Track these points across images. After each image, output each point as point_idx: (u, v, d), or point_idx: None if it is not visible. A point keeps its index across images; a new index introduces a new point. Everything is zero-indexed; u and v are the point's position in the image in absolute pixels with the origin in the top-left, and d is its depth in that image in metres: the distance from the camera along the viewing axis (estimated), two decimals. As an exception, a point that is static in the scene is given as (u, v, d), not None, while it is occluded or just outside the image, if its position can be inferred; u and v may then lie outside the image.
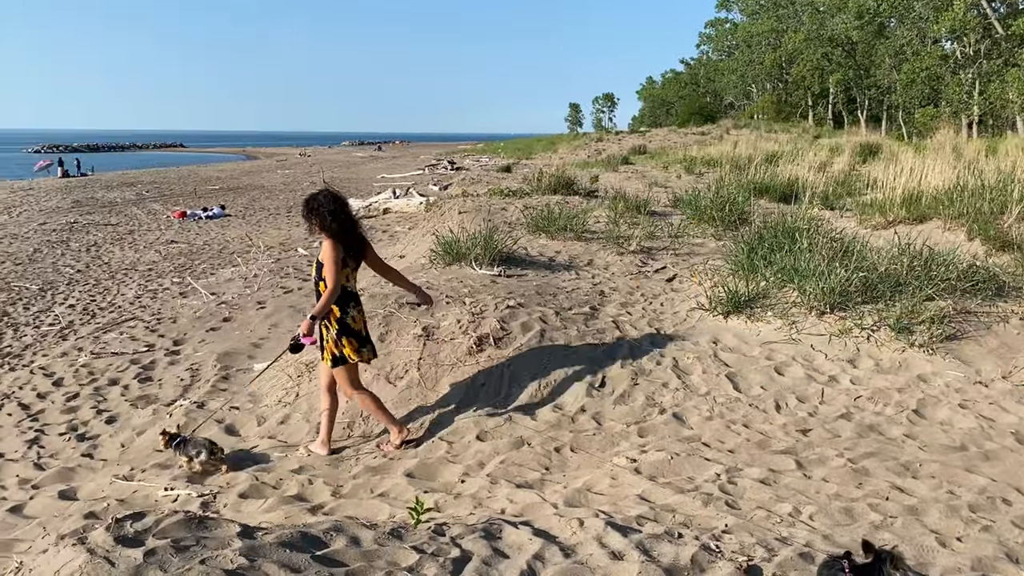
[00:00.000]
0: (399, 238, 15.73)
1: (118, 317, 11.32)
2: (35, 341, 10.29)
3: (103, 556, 2.94)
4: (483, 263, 9.06)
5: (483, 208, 13.64)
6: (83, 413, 7.39)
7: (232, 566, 2.96)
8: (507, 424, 5.83)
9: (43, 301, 12.86)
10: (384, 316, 7.24)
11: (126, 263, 16.17)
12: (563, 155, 42.86)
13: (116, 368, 8.69)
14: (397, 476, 5.14)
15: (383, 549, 3.39)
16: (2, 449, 6.62)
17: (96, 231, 21.35)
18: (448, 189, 24.02)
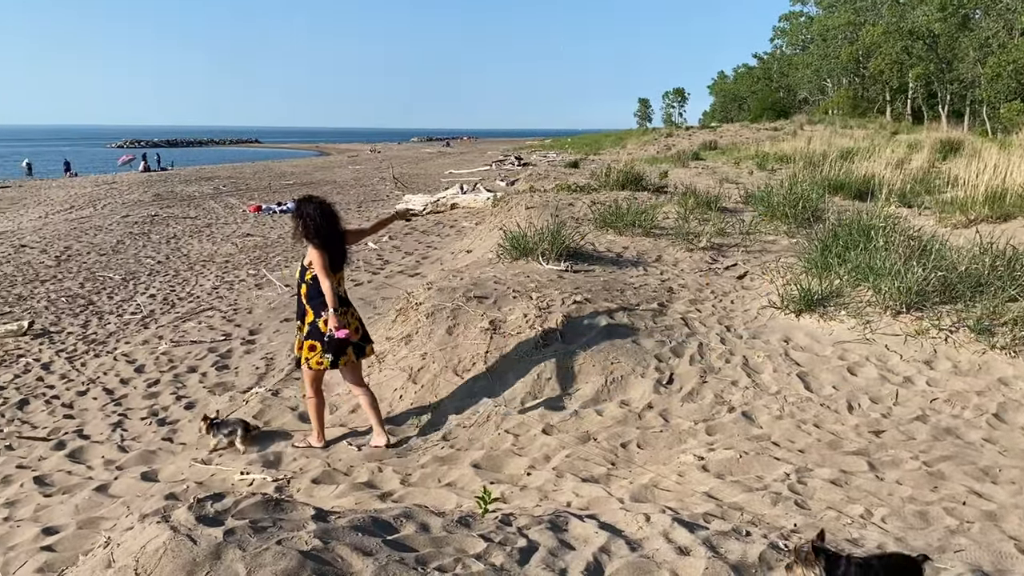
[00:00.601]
0: (466, 233, 15.86)
1: (196, 307, 11.71)
2: (118, 329, 10.72)
3: (185, 534, 3.07)
4: (550, 258, 9.08)
5: (550, 203, 13.65)
6: (163, 399, 7.68)
7: (307, 547, 3.05)
8: (573, 419, 5.85)
9: (126, 291, 13.39)
10: (452, 309, 7.33)
11: (204, 255, 16.69)
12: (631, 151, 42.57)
13: (195, 356, 9.00)
14: (464, 467, 5.21)
15: (451, 536, 3.46)
16: (88, 431, 6.94)
17: (175, 224, 22.10)
18: (515, 185, 24.10)
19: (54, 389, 8.29)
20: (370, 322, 9.41)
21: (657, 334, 7.06)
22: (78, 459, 6.25)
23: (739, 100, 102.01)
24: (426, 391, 6.51)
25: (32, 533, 4.88)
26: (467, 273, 8.76)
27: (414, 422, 6.13)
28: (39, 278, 14.89)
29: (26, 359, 9.43)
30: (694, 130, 63.01)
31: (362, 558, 3.06)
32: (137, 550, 3.03)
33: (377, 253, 14.73)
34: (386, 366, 6.99)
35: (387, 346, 7.31)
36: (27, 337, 10.39)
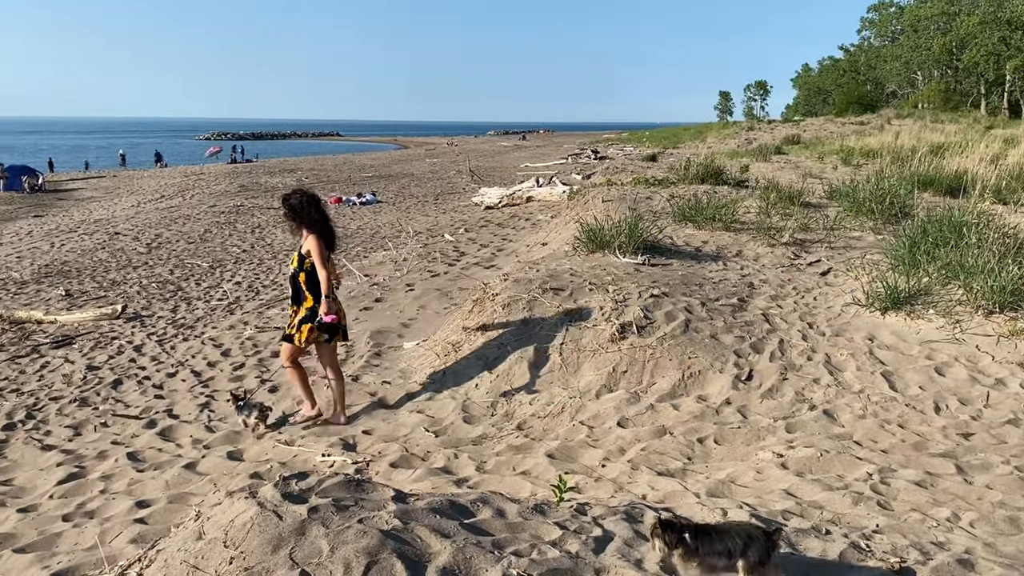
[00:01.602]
0: (541, 226, 15.88)
1: (279, 294, 12.04)
2: (206, 314, 11.11)
3: (272, 510, 3.17)
4: (627, 251, 9.03)
5: (627, 197, 13.56)
6: (248, 382, 7.93)
7: (387, 527, 3.13)
8: (649, 412, 5.82)
9: (212, 278, 13.86)
10: (528, 301, 7.36)
11: (287, 244, 17.14)
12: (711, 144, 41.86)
13: (278, 342, 9.25)
14: (538, 456, 5.24)
15: (527, 523, 3.49)
16: (177, 411, 7.23)
17: (260, 214, 22.75)
18: (591, 178, 23.99)
19: (145, 370, 8.65)
20: (446, 312, 9.55)
21: (737, 329, 6.95)
22: (168, 437, 6.52)
23: (824, 93, 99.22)
24: (501, 381, 6.56)
25: (126, 506, 5.12)
26: (543, 265, 8.78)
27: (490, 411, 6.18)
28: (132, 264, 15.55)
29: (119, 341, 9.86)
30: (776, 124, 61.58)
31: (440, 539, 3.11)
32: (226, 523, 3.15)
33: (453, 245, 14.88)
34: (462, 355, 7.06)
35: (463, 336, 7.39)
36: (120, 320, 10.87)
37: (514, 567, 2.98)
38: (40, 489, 5.64)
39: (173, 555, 3.07)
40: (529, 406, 6.13)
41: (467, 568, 2.97)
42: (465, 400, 6.38)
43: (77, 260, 16.34)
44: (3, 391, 8.16)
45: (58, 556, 4.50)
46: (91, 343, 9.87)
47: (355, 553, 2.91)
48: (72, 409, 7.52)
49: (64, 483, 5.65)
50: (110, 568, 3.68)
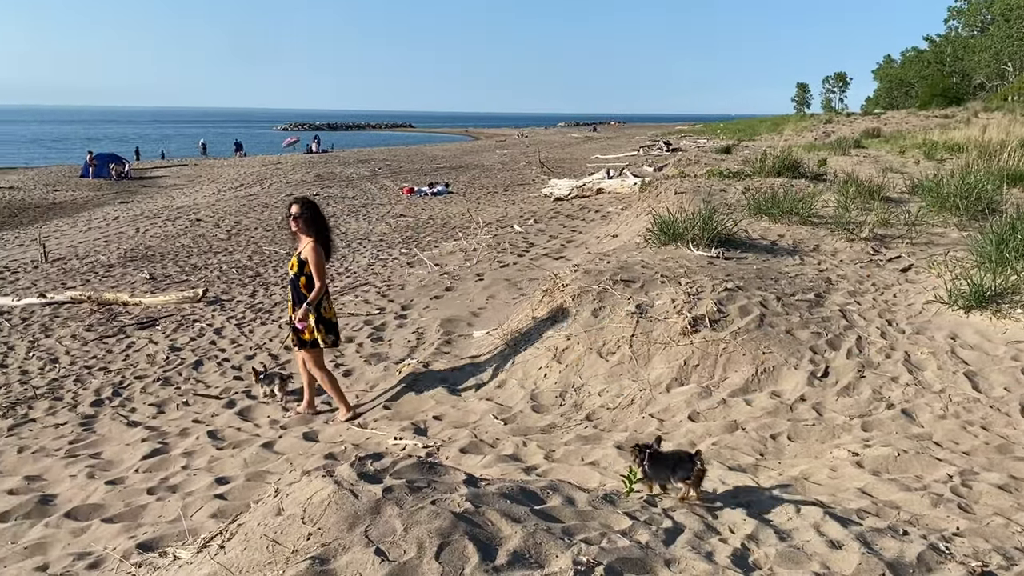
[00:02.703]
0: (612, 218, 15.79)
1: (353, 282, 12.27)
2: (282, 300, 11.39)
3: (348, 488, 3.25)
4: (700, 244, 8.91)
5: (701, 189, 13.37)
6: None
7: (459, 509, 3.17)
8: (721, 407, 5.75)
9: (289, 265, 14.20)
10: (598, 292, 7.34)
11: (360, 233, 17.44)
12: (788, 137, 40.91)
13: (352, 327, 9.44)
14: (607, 447, 5.23)
15: (597, 512, 3.49)
16: (255, 392, 7.45)
17: (335, 203, 23.17)
18: (663, 170, 23.73)
19: (225, 352, 8.94)
20: (515, 302, 9.59)
21: (813, 325, 6.80)
22: (246, 417, 6.73)
23: (906, 86, 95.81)
24: (570, 371, 6.57)
25: (206, 482, 5.31)
26: (614, 257, 8.74)
27: (558, 401, 6.20)
28: (212, 250, 16.04)
29: (200, 324, 10.21)
30: (855, 117, 59.78)
31: (511, 524, 3.15)
32: (304, 500, 3.24)
33: (523, 236, 14.91)
34: (531, 344, 7.09)
35: (533, 325, 7.41)
36: (202, 304, 11.24)
37: (584, 554, 2.99)
38: (126, 463, 5.90)
39: (253, 529, 3.18)
40: (598, 397, 6.13)
41: (537, 553, 3.00)
42: (534, 389, 6.41)
43: (160, 245, 16.95)
44: (91, 369, 8.54)
45: (143, 527, 4.71)
46: (174, 325, 10.24)
47: (428, 534, 2.96)
48: (156, 388, 7.82)
49: (148, 458, 5.90)
50: (193, 540, 3.82)
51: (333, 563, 2.85)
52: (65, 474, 5.78)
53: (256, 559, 2.98)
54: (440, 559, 2.85)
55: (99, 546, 4.49)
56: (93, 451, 6.24)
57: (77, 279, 13.62)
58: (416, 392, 6.85)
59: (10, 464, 6.16)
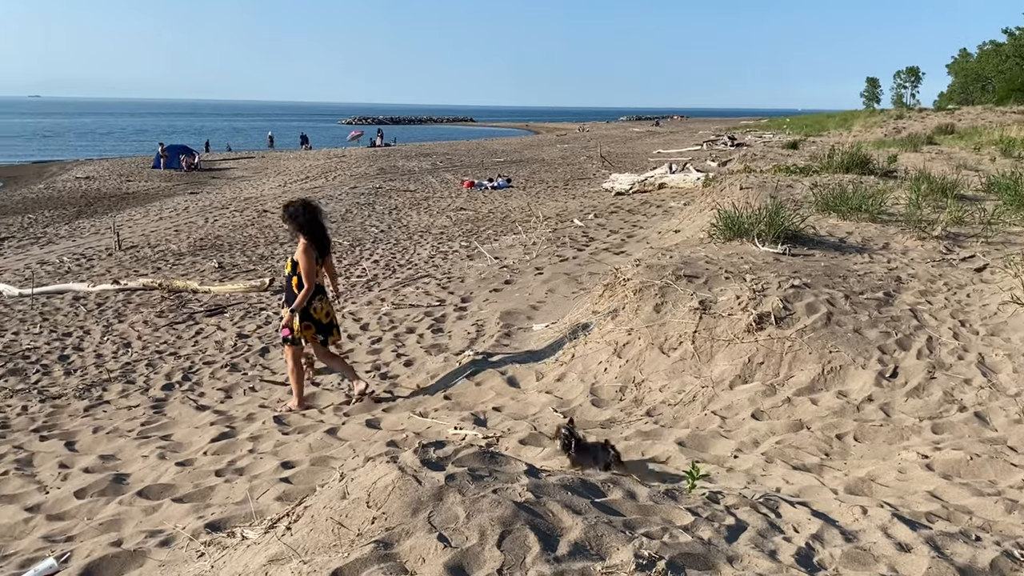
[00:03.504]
0: (674, 213, 15.62)
1: (414, 274, 12.41)
2: (346, 290, 11.58)
3: (412, 474, 3.29)
4: (766, 240, 8.76)
5: (767, 185, 13.14)
6: (385, 355, 8.23)
7: (521, 499, 3.18)
8: (785, 406, 5.65)
9: (352, 256, 14.42)
10: (660, 287, 7.27)
11: (421, 226, 17.62)
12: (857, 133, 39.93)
13: (412, 318, 9.55)
14: (668, 443, 5.19)
15: (658, 506, 3.47)
16: (319, 380, 7.59)
17: (397, 196, 23.45)
18: (728, 165, 23.38)
19: (290, 340, 9.11)
20: (575, 296, 9.57)
21: (882, 325, 6.63)
22: (310, 403, 6.86)
23: (982, 80, 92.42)
24: (630, 366, 6.52)
25: (272, 465, 5.43)
26: (677, 252, 8.65)
27: (618, 395, 6.17)
28: (278, 240, 16.38)
29: (267, 312, 10.44)
30: (928, 112, 57.98)
31: (572, 515, 3.14)
32: (369, 485, 3.29)
33: (583, 231, 14.87)
34: (591, 339, 7.07)
35: (593, 319, 7.39)
36: (268, 292, 11.49)
37: (645, 548, 2.97)
38: (195, 445, 6.07)
39: (319, 511, 3.24)
40: (659, 393, 6.07)
41: (598, 545, 2.99)
42: (594, 383, 6.39)
43: (229, 235, 17.38)
44: (162, 354, 8.80)
45: (211, 507, 4.84)
46: (241, 313, 10.49)
47: (490, 522, 2.98)
48: (223, 373, 8.03)
49: (216, 441, 6.06)
50: (259, 521, 3.92)
51: (397, 547, 2.89)
52: (137, 454, 5.98)
53: (322, 541, 3.04)
54: (502, 547, 2.87)
55: (169, 524, 4.63)
56: (164, 433, 6.44)
57: (149, 267, 14.06)
58: (476, 383, 6.89)
59: (86, 443, 6.40)
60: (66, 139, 72.32)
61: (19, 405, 7.43)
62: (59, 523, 4.96)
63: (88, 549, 4.39)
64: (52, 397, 7.58)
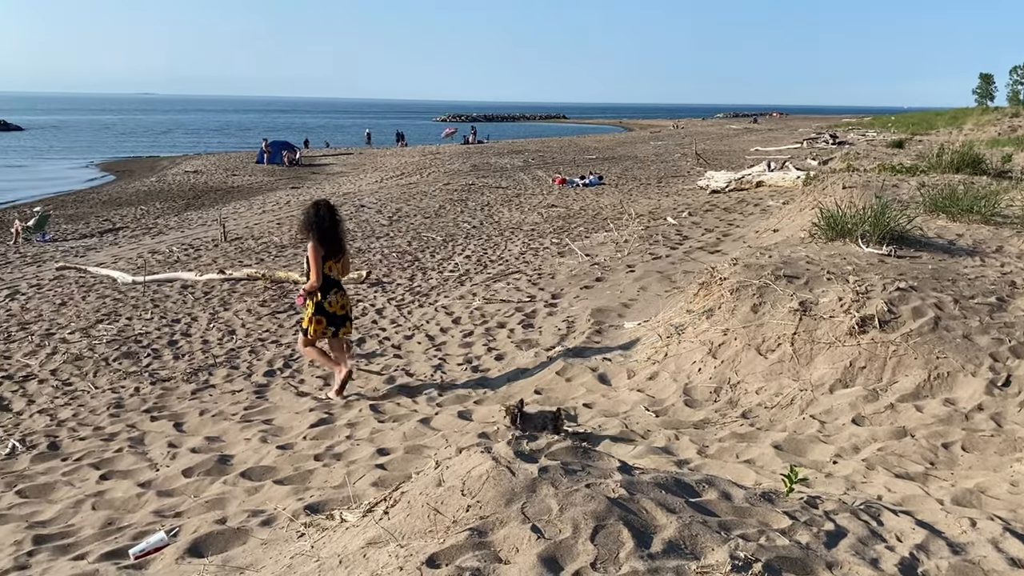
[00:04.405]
0: (772, 212, 15.24)
1: (505, 269, 12.49)
2: (439, 284, 11.76)
3: (506, 465, 3.33)
4: (870, 241, 8.46)
5: (871, 184, 12.69)
6: (476, 349, 8.33)
7: (614, 495, 3.18)
8: (888, 412, 5.45)
9: (445, 251, 14.63)
10: (758, 287, 7.12)
11: (513, 223, 17.71)
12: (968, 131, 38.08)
13: (503, 313, 9.63)
14: (764, 446, 5.09)
15: (754, 509, 3.41)
16: (413, 371, 7.75)
17: (489, 193, 23.63)
18: (829, 163, 22.66)
19: (385, 332, 9.34)
20: (668, 295, 9.46)
21: (994, 331, 6.31)
22: (405, 393, 7.01)
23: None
24: (726, 367, 6.41)
25: (368, 452, 5.57)
26: (776, 251, 8.45)
27: (712, 396, 6.08)
28: (375, 235, 16.76)
29: (363, 304, 10.69)
30: (1049, 109, 54.71)
31: (666, 514, 3.12)
32: (463, 474, 3.34)
33: (676, 229, 14.68)
34: (685, 338, 6.98)
35: (687, 319, 7.29)
36: (364, 285, 11.77)
37: (742, 549, 2.93)
38: (295, 430, 6.28)
39: (416, 497, 3.32)
40: (755, 395, 5.95)
41: (692, 544, 2.96)
42: (687, 383, 6.31)
43: (327, 229, 17.84)
44: (265, 342, 9.14)
45: (311, 490, 5.00)
46: (338, 304, 10.77)
47: (583, 516, 2.99)
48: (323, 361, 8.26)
49: (315, 427, 6.26)
50: (357, 505, 4.03)
51: (491, 535, 2.93)
52: (240, 437, 6.24)
53: (418, 526, 3.11)
54: (595, 541, 2.87)
55: (271, 505, 4.81)
56: (265, 417, 6.69)
57: (252, 258, 14.61)
58: (566, 379, 6.90)
59: (193, 425, 6.71)
60: (175, 135, 75.79)
61: (132, 387, 7.84)
62: (168, 499, 5.22)
63: (195, 525, 4.60)
64: (162, 380, 7.97)
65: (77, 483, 5.64)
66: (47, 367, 8.58)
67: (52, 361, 8.78)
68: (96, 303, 11.49)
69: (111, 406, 7.31)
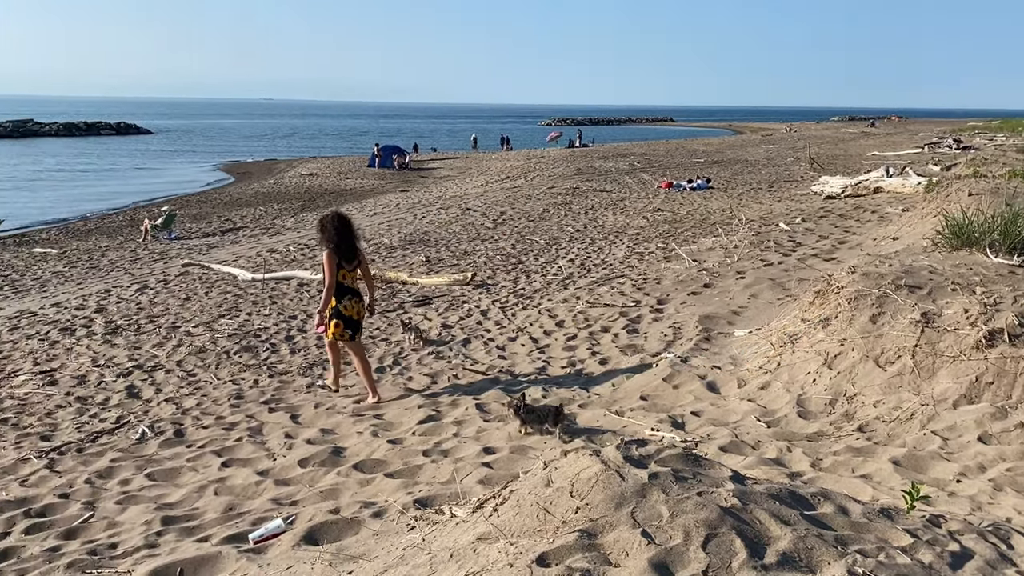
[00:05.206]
0: (891, 219, 14.62)
1: (609, 273, 12.44)
2: (542, 287, 11.82)
3: (615, 469, 3.33)
4: (1000, 251, 8.00)
5: (1001, 191, 11.98)
6: (580, 352, 8.33)
7: (726, 504, 3.13)
8: (1018, 431, 5.14)
9: (548, 254, 14.68)
10: (878, 297, 6.85)
11: (617, 227, 17.62)
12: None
13: (607, 318, 9.59)
14: (882, 461, 4.90)
15: (872, 524, 3.29)
16: (518, 371, 7.81)
17: (593, 196, 23.58)
18: (953, 169, 21.55)
19: (490, 332, 9.45)
20: (780, 303, 9.21)
21: None
22: (510, 394, 7.07)
23: None
24: (842, 378, 6.20)
25: (474, 450, 5.66)
26: (896, 260, 8.11)
27: (827, 408, 5.89)
28: (480, 237, 16.98)
29: (468, 305, 10.86)
30: None
31: (780, 525, 3.05)
32: (572, 476, 3.36)
33: (789, 235, 14.27)
34: (800, 348, 6.78)
35: (802, 327, 7.09)
36: (470, 287, 11.94)
37: (860, 565, 2.83)
38: (404, 426, 6.44)
39: (524, 496, 3.35)
40: (873, 408, 5.73)
41: (808, 557, 2.89)
42: (801, 394, 6.13)
43: (435, 231, 18.22)
44: (375, 339, 9.40)
45: (419, 485, 5.13)
46: (445, 304, 10.99)
47: (695, 523, 2.95)
48: (429, 360, 8.46)
49: (423, 423, 6.40)
50: (465, 501, 4.11)
51: (600, 538, 2.93)
52: (353, 430, 6.44)
53: (527, 525, 3.15)
54: (707, 549, 2.84)
55: (382, 497, 4.95)
56: (376, 412, 6.89)
57: (363, 258, 15.04)
58: (673, 386, 6.82)
59: (308, 417, 6.97)
60: (292, 139, 78.81)
61: (251, 379, 8.21)
62: (285, 488, 5.45)
63: (310, 513, 4.78)
64: (279, 373, 8.31)
65: (201, 469, 5.95)
66: (173, 358, 9.09)
67: (178, 352, 9.29)
68: (218, 298, 12.09)
69: (232, 397, 7.68)
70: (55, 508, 5.44)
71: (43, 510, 5.42)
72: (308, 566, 3.86)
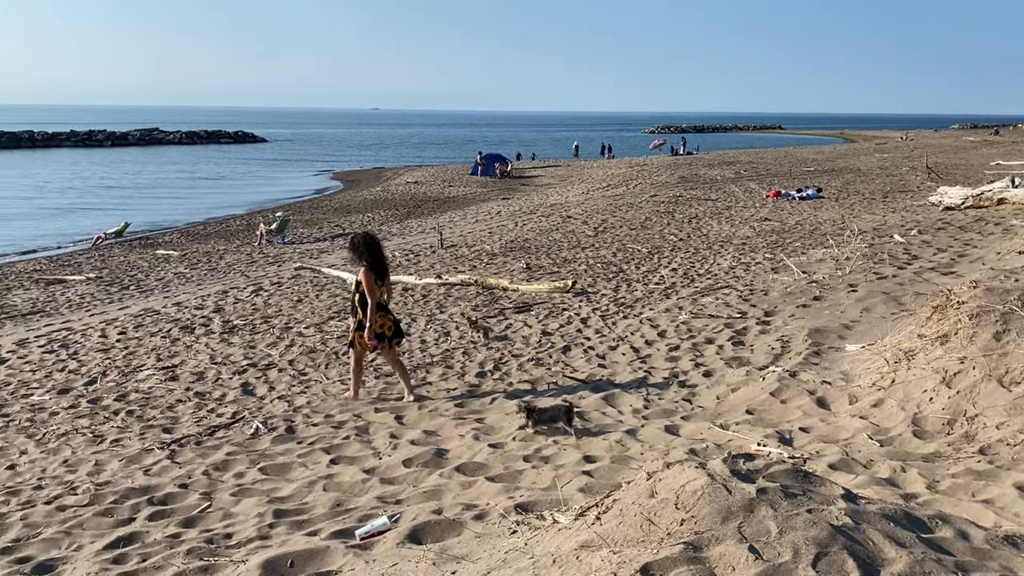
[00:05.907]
0: (1017, 232, 13.84)
1: (713, 284, 12.22)
2: (644, 296, 11.71)
3: (721, 483, 3.28)
4: None
5: None
6: (683, 364, 8.22)
7: (837, 523, 3.04)
8: None
9: (650, 263, 14.54)
10: (1003, 313, 6.49)
11: (722, 236, 17.28)
12: None
13: (711, 329, 9.43)
14: (1005, 486, 4.63)
15: (996, 552, 3.13)
16: (618, 381, 7.78)
17: (697, 205, 23.21)
18: (1088, 180, 20.17)
19: (590, 341, 9.44)
20: (895, 318, 8.85)
21: None
22: (610, 403, 7.06)
23: None
24: (961, 398, 5.90)
25: (575, 458, 5.67)
26: (1023, 275, 7.68)
27: (946, 428, 5.62)
28: (580, 245, 16.97)
29: (568, 312, 10.87)
30: None
31: (895, 547, 2.94)
32: (677, 488, 3.33)
33: (904, 247, 13.68)
34: (916, 364, 6.50)
35: (918, 344, 6.79)
36: (570, 294, 11.95)
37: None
38: (505, 431, 6.51)
39: (628, 506, 3.34)
40: (996, 430, 5.43)
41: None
42: (916, 413, 5.87)
43: (535, 238, 18.32)
44: (476, 344, 9.52)
45: (520, 490, 5.17)
46: (545, 311, 11.03)
47: (804, 540, 2.88)
48: (529, 367, 8.51)
49: (523, 429, 6.44)
50: (567, 507, 4.12)
51: (706, 552, 2.90)
52: (455, 433, 6.55)
53: (631, 535, 3.14)
54: (817, 568, 2.76)
55: (483, 500, 5.02)
56: (477, 416, 6.98)
57: (466, 264, 15.27)
58: (781, 401, 6.64)
59: (412, 419, 7.13)
60: (399, 148, 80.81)
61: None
62: (390, 487, 5.59)
63: (414, 513, 4.90)
64: (385, 375, 8.52)
65: (310, 465, 6.17)
66: (286, 357, 9.46)
67: (290, 352, 9.66)
68: (328, 301, 12.50)
69: (339, 396, 7.93)
70: (175, 497, 5.74)
71: (164, 498, 5.73)
72: (412, 564, 3.95)
